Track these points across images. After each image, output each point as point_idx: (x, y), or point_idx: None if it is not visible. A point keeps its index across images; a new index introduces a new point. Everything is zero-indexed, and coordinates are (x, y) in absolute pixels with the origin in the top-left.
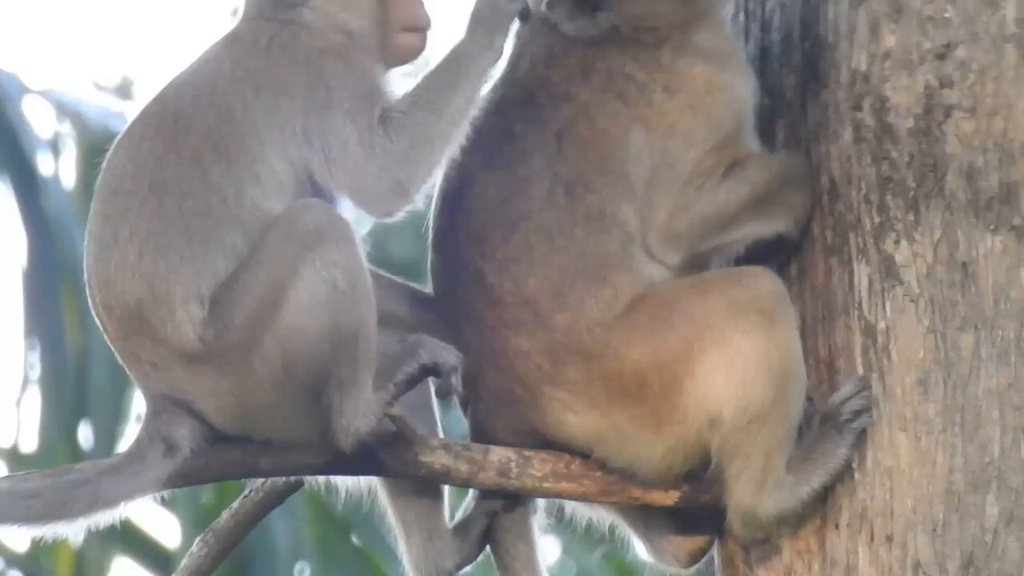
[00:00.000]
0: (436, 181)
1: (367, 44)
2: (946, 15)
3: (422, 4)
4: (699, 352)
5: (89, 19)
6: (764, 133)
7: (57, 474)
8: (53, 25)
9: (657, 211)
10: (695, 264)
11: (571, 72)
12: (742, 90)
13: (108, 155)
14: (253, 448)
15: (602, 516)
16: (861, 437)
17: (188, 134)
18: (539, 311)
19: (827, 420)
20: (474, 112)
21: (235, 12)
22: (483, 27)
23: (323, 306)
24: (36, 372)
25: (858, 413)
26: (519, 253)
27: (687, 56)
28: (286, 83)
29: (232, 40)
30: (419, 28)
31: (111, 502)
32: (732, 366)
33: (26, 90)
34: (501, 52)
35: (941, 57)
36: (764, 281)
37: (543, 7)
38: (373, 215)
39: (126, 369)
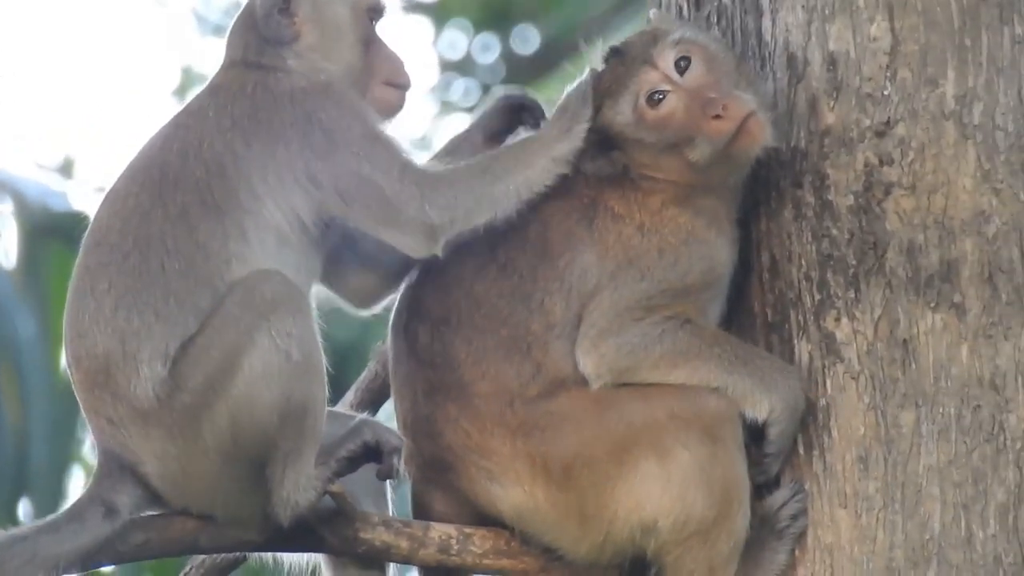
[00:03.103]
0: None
1: (351, 86)
2: (885, 92)
3: (404, 64)
4: (636, 458)
5: (31, 99)
6: None
7: None
8: None
9: (591, 326)
10: None
11: (555, 189)
12: (720, 253)
13: (95, 210)
14: (193, 524)
15: None
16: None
17: (176, 189)
18: (463, 376)
19: (764, 525)
20: (536, 190)
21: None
22: (566, 115)
23: (275, 376)
24: None
25: (795, 518)
26: (448, 314)
27: (677, 207)
28: (276, 129)
29: (215, 89)
30: (400, 85)
31: (49, 561)
32: (670, 478)
33: None
34: (580, 140)
35: (880, 134)
36: (712, 401)
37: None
38: (400, 248)
39: (87, 422)
